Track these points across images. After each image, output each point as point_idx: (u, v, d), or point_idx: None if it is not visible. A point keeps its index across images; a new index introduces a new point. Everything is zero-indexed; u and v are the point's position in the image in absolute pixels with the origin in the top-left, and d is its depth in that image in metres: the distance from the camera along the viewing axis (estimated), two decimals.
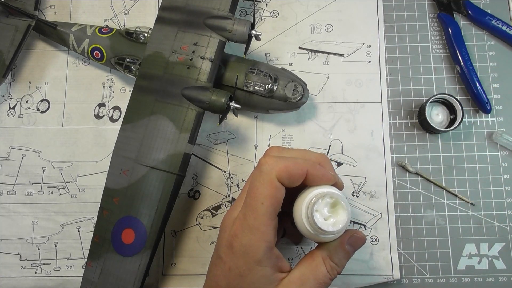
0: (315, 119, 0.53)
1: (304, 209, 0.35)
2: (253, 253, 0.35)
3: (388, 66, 0.55)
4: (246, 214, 0.35)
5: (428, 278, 0.50)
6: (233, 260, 0.36)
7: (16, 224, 0.51)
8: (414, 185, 0.52)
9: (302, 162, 0.36)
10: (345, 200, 0.35)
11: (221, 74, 0.48)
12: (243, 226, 0.35)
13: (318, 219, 0.34)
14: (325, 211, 0.35)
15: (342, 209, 0.35)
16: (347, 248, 0.37)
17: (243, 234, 0.35)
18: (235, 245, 0.36)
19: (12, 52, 0.51)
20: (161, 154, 0.44)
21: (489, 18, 0.54)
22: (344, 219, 0.34)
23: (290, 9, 0.56)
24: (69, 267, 0.50)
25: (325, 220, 0.35)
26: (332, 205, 0.35)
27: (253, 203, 0.35)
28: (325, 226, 0.34)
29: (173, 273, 0.50)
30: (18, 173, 0.52)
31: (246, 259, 0.35)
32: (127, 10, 0.56)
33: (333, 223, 0.34)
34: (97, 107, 0.54)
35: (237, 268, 0.36)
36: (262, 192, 0.35)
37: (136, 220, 0.44)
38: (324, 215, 0.35)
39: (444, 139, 0.53)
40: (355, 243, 0.37)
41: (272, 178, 0.35)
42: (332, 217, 0.35)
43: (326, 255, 0.36)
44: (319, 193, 0.35)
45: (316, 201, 0.34)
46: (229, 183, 0.52)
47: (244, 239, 0.35)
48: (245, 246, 0.35)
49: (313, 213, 0.34)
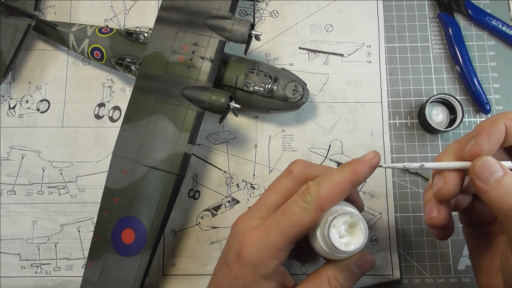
0: (315, 119, 0.53)
1: (322, 221, 0.34)
2: (263, 267, 0.35)
3: (388, 66, 0.55)
4: (271, 229, 0.35)
5: (428, 278, 0.50)
6: (240, 269, 0.35)
7: (16, 224, 0.51)
8: (414, 185, 0.52)
9: (341, 179, 0.35)
10: (365, 223, 0.34)
11: (221, 74, 0.48)
12: (261, 239, 0.35)
13: (333, 234, 0.34)
14: (342, 229, 0.34)
15: (360, 231, 0.34)
16: (354, 270, 0.36)
17: (259, 246, 0.35)
18: (245, 255, 0.35)
19: (12, 52, 0.51)
20: (161, 154, 0.44)
21: (489, 18, 0.54)
22: (360, 242, 0.34)
23: (290, 9, 0.56)
24: (69, 267, 0.50)
25: (339, 237, 0.34)
26: (351, 225, 0.34)
27: (283, 222, 0.34)
28: (338, 243, 0.33)
29: (173, 273, 0.50)
30: (18, 173, 0.52)
31: (254, 271, 0.35)
32: (127, 10, 0.57)
33: (346, 243, 0.34)
34: (97, 107, 0.54)
35: (243, 277, 0.35)
36: (299, 219, 0.34)
37: (136, 220, 0.44)
38: (340, 233, 0.34)
39: (444, 139, 0.53)
40: (362, 265, 0.36)
41: (315, 210, 0.34)
42: (347, 236, 0.34)
43: (332, 274, 0.36)
44: (341, 210, 0.34)
45: (335, 216, 0.34)
46: (229, 183, 0.52)
47: (257, 251, 0.35)
48: (256, 258, 0.35)
49: (329, 227, 0.33)
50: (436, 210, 0.35)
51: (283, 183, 0.38)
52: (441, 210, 0.35)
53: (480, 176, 0.31)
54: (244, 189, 0.52)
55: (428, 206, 0.35)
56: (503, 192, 0.30)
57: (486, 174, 0.31)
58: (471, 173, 0.32)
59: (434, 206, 0.35)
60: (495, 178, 0.31)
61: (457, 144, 0.34)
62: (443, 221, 0.35)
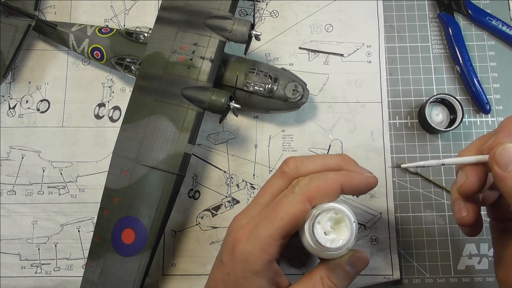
0: (315, 119, 0.53)
1: (309, 218, 0.34)
2: (253, 262, 0.34)
3: (388, 66, 0.55)
4: (260, 223, 0.35)
5: (428, 278, 0.50)
6: (232, 266, 0.35)
7: (16, 224, 0.51)
8: (414, 185, 0.52)
9: (334, 177, 0.35)
10: (350, 219, 0.34)
11: (221, 74, 0.48)
12: (251, 233, 0.35)
13: (318, 232, 0.33)
14: (327, 225, 0.34)
15: (346, 227, 0.34)
16: (347, 268, 0.35)
17: (249, 240, 0.35)
18: (237, 250, 0.35)
19: (12, 52, 0.51)
20: (161, 154, 0.44)
21: (489, 18, 0.54)
22: (346, 237, 0.33)
23: (290, 9, 0.56)
24: (69, 267, 0.50)
25: (325, 234, 0.34)
26: (336, 221, 0.34)
27: (272, 215, 0.34)
28: (323, 241, 0.33)
29: (173, 273, 0.50)
30: (18, 173, 0.52)
31: (244, 267, 0.35)
32: (127, 10, 0.57)
33: (332, 239, 0.34)
34: (97, 107, 0.54)
35: (234, 274, 0.35)
36: (286, 210, 0.34)
37: (136, 220, 0.44)
38: (325, 229, 0.34)
39: (444, 139, 0.53)
40: (355, 263, 0.36)
41: (302, 200, 0.34)
42: (333, 233, 0.34)
43: (325, 274, 0.35)
44: (325, 207, 0.34)
45: (320, 213, 0.34)
46: (229, 183, 0.52)
47: (248, 246, 0.35)
48: (246, 253, 0.35)
49: (314, 225, 0.33)
50: (466, 209, 0.35)
51: (277, 183, 0.38)
52: (470, 209, 0.35)
53: (498, 162, 0.31)
54: (244, 189, 0.52)
55: (457, 206, 0.35)
56: None
57: (505, 161, 0.30)
58: (490, 159, 0.32)
59: (463, 206, 0.35)
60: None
61: (480, 140, 0.34)
62: (472, 220, 0.35)
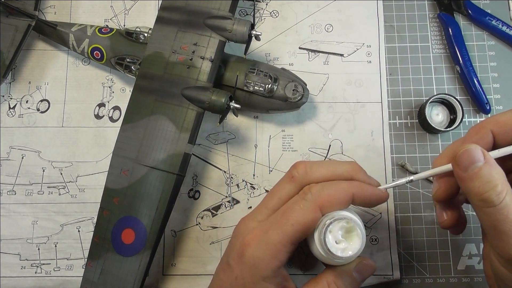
0: (315, 119, 0.53)
1: (320, 226, 0.34)
2: (262, 268, 0.34)
3: (388, 66, 0.55)
4: (270, 229, 0.35)
5: (428, 278, 0.50)
6: (241, 270, 0.35)
7: (16, 224, 0.51)
8: (414, 185, 0.52)
9: (346, 187, 0.35)
10: (362, 229, 0.34)
11: (221, 74, 0.48)
12: (261, 239, 0.35)
13: (329, 240, 0.34)
14: (339, 234, 0.34)
15: (357, 237, 0.34)
16: (354, 275, 0.36)
17: (258, 246, 0.35)
18: (245, 255, 0.35)
19: (12, 52, 0.51)
20: (161, 154, 0.44)
21: (489, 18, 0.54)
22: (357, 247, 0.34)
23: (290, 9, 0.56)
24: (69, 267, 0.50)
25: (336, 243, 0.34)
26: (347, 230, 0.34)
27: (283, 221, 0.35)
28: (334, 249, 0.34)
29: (173, 273, 0.50)
30: (18, 173, 0.52)
31: (253, 272, 0.35)
32: (127, 10, 0.57)
33: (343, 248, 0.34)
34: (97, 107, 0.54)
35: (242, 278, 0.35)
36: (297, 217, 0.34)
37: (136, 220, 0.44)
38: (336, 238, 0.34)
39: (444, 139, 0.53)
40: (362, 270, 0.36)
41: (314, 208, 0.34)
42: (344, 242, 0.34)
43: (332, 280, 0.36)
44: (337, 216, 0.34)
45: (331, 222, 0.34)
46: (229, 183, 0.52)
47: (257, 251, 0.35)
48: (256, 259, 0.35)
49: (325, 233, 0.33)
50: (446, 213, 0.37)
51: (285, 188, 0.38)
52: (449, 213, 0.38)
53: (459, 164, 0.32)
54: (244, 189, 0.52)
55: (438, 211, 0.38)
56: (478, 182, 0.31)
57: (465, 163, 0.31)
58: (453, 160, 0.33)
59: (442, 211, 0.38)
60: (474, 168, 0.31)
61: (451, 147, 0.36)
62: (452, 222, 0.38)
